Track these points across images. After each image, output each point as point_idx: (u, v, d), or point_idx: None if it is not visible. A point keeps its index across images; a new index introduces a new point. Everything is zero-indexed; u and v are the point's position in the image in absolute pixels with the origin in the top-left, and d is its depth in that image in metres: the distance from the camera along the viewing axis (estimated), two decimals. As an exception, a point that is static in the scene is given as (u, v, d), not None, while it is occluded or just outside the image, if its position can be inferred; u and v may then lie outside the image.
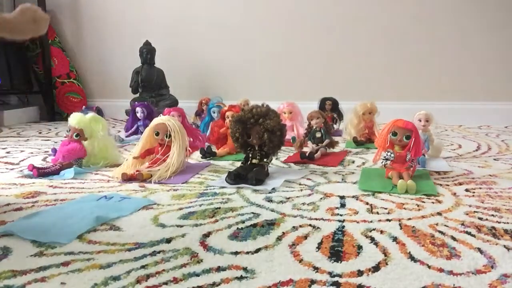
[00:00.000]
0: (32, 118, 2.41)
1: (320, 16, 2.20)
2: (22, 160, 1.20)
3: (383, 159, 0.90)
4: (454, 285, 0.45)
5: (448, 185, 0.87)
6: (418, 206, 0.73)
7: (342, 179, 0.93)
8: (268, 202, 0.76)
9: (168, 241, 0.58)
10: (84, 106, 2.08)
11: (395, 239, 0.58)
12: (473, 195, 0.79)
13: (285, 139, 0.98)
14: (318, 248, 0.55)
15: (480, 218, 0.66)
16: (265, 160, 0.94)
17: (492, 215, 0.67)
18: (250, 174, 0.88)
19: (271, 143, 0.92)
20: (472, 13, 1.94)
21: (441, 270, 0.48)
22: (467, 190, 0.83)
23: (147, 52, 2.21)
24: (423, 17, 2.02)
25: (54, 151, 1.13)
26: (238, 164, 1.12)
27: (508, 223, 0.63)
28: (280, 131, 0.93)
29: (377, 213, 0.69)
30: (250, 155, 0.95)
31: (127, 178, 0.93)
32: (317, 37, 2.22)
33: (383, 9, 2.09)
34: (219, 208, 0.73)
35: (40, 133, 1.85)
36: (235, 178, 0.88)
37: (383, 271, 0.48)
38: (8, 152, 1.34)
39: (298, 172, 1.00)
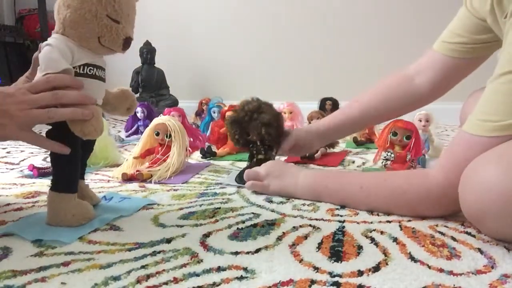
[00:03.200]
0: (32, 118, 2.41)
1: (320, 16, 2.20)
2: (22, 160, 1.20)
3: (383, 159, 0.91)
4: (454, 285, 0.45)
5: (448, 185, 0.87)
6: (418, 206, 0.72)
7: (342, 179, 0.93)
8: (268, 202, 0.76)
9: (168, 241, 0.58)
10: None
11: (395, 239, 0.58)
12: (473, 195, 0.79)
13: (283, 126, 0.97)
14: (318, 248, 0.55)
15: (480, 218, 0.65)
16: (271, 153, 0.94)
17: (492, 215, 0.67)
18: None
19: (270, 136, 0.91)
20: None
21: (441, 270, 0.48)
22: (467, 190, 0.83)
23: (147, 52, 2.22)
24: (423, 17, 2.02)
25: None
26: (238, 164, 1.12)
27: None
28: (277, 122, 0.92)
29: (378, 214, 0.69)
30: (254, 152, 0.95)
31: (127, 178, 0.93)
32: (318, 37, 2.22)
33: (383, 9, 2.09)
34: (219, 208, 0.73)
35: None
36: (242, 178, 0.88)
37: (383, 271, 0.48)
38: (8, 152, 1.34)
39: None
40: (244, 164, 1.11)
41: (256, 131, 0.91)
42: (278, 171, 0.81)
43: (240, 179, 0.88)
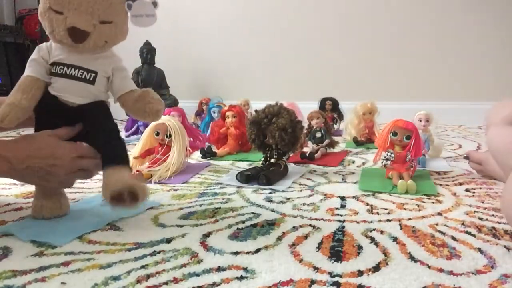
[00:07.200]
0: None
1: (320, 16, 2.20)
2: (22, 160, 1.20)
3: (383, 159, 0.90)
4: (454, 285, 0.45)
5: (448, 185, 0.87)
6: (418, 206, 0.73)
7: (342, 179, 0.93)
8: (268, 202, 0.76)
9: (168, 241, 0.58)
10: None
11: (395, 239, 0.58)
12: (473, 195, 0.79)
13: (301, 135, 0.97)
14: (318, 248, 0.55)
15: (480, 218, 0.66)
16: (283, 158, 0.95)
17: (492, 215, 0.67)
18: (261, 173, 0.88)
19: (283, 141, 0.92)
20: (471, 13, 1.94)
21: (441, 270, 0.48)
22: (467, 190, 0.83)
23: (147, 52, 2.21)
24: (423, 17, 2.02)
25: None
26: (238, 164, 1.12)
27: (508, 223, 0.63)
28: (292, 128, 0.92)
29: (377, 213, 0.69)
30: (268, 155, 0.96)
31: (127, 178, 0.92)
32: (317, 37, 2.22)
33: (383, 9, 2.09)
34: (219, 208, 0.73)
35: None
36: (247, 178, 0.88)
37: (383, 271, 0.48)
38: (8, 152, 1.34)
39: (298, 172, 1.00)
40: (244, 164, 1.11)
41: (271, 134, 0.92)
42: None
43: (241, 177, 0.89)
